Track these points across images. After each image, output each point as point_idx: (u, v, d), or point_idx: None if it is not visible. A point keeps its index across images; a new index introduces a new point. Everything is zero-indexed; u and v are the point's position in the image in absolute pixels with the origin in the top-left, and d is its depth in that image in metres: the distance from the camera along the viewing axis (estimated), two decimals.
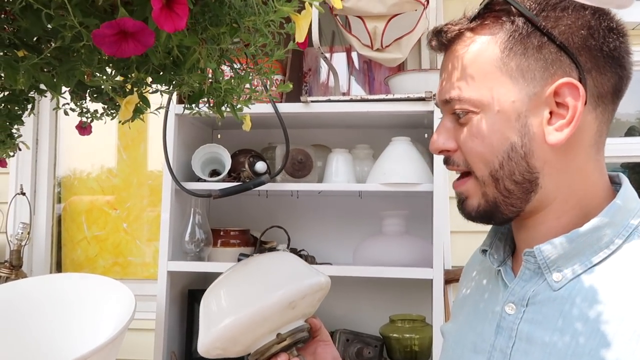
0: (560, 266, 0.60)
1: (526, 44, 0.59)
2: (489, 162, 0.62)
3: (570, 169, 0.61)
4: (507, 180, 0.62)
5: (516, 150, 0.61)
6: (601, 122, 0.61)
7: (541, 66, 0.59)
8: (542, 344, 0.58)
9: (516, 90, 0.60)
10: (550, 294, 0.60)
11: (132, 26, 0.35)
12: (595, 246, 0.59)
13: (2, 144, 0.75)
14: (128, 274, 2.21)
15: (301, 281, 0.79)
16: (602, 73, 0.59)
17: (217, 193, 1.44)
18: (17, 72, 0.45)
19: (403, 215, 1.58)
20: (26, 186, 2.16)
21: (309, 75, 1.86)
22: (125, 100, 0.50)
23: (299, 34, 0.46)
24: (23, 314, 1.37)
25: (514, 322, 0.62)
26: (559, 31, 0.58)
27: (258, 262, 0.84)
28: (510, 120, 0.60)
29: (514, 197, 0.62)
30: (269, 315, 0.76)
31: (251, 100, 0.60)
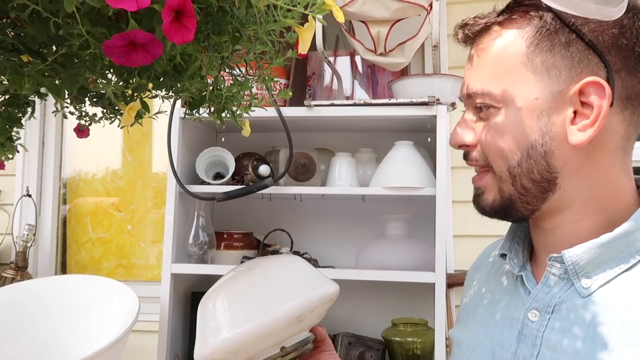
0: (589, 272, 0.59)
1: (553, 40, 0.58)
2: (508, 158, 0.61)
3: (593, 171, 0.60)
4: (525, 178, 0.60)
5: (536, 149, 0.59)
6: (629, 124, 0.59)
7: (567, 64, 0.58)
8: (572, 352, 0.56)
9: (540, 87, 0.59)
10: (578, 301, 0.58)
11: (142, 38, 0.36)
12: (625, 252, 0.57)
13: (1, 146, 0.76)
14: (132, 276, 2.22)
15: (310, 292, 0.75)
16: (633, 74, 0.57)
17: (221, 196, 1.45)
18: (23, 77, 0.45)
19: (406, 219, 1.58)
20: (32, 188, 2.17)
21: (312, 79, 1.87)
22: (128, 107, 0.51)
23: (302, 46, 0.47)
24: (30, 315, 1.38)
25: (538, 329, 0.60)
26: (589, 29, 0.57)
27: (264, 268, 0.78)
28: (532, 118, 0.59)
29: (530, 195, 0.61)
30: (274, 329, 0.72)
31: (251, 107, 0.61)
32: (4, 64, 0.44)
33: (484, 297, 0.73)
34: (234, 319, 0.73)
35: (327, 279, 0.80)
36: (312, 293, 0.75)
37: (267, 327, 0.71)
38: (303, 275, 0.78)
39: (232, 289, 0.77)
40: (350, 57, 1.89)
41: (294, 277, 0.78)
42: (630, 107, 0.59)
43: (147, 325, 1.92)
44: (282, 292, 0.74)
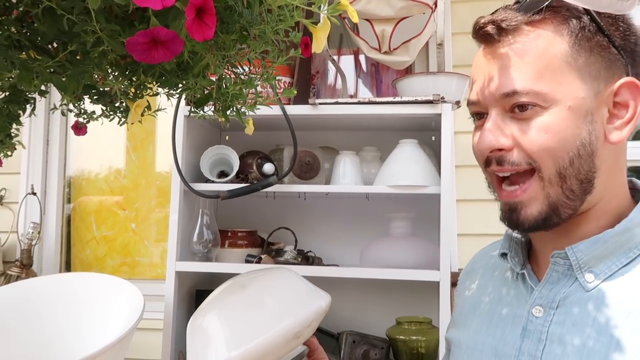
0: (592, 267, 0.60)
1: (592, 42, 0.60)
2: (559, 158, 0.60)
3: (616, 170, 0.63)
4: (574, 178, 0.60)
5: (585, 148, 0.60)
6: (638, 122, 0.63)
7: (605, 65, 0.60)
8: (578, 345, 0.58)
9: (585, 87, 0.60)
10: (582, 295, 0.60)
11: (164, 35, 0.37)
12: (625, 246, 0.60)
13: (1, 143, 0.76)
14: (136, 274, 2.23)
15: (306, 308, 0.74)
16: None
17: (225, 194, 1.45)
18: (32, 74, 0.46)
19: (410, 217, 1.58)
20: (37, 186, 2.18)
21: (316, 78, 1.87)
22: (135, 104, 0.51)
23: (317, 45, 0.47)
24: (36, 312, 1.39)
25: (543, 324, 0.61)
26: (618, 34, 0.60)
27: (257, 286, 0.76)
28: (580, 117, 0.60)
29: (575, 198, 0.61)
30: (273, 348, 0.71)
31: (256, 105, 0.61)
32: (12, 59, 0.44)
33: (483, 298, 0.73)
34: (232, 340, 0.70)
35: (319, 291, 0.79)
36: (308, 309, 0.74)
37: (267, 347, 0.69)
38: (297, 291, 0.77)
39: (227, 308, 0.74)
40: (354, 55, 1.89)
41: (288, 293, 0.76)
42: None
43: (152, 323, 1.92)
44: (279, 310, 0.73)
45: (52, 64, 0.48)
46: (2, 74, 0.48)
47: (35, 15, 0.44)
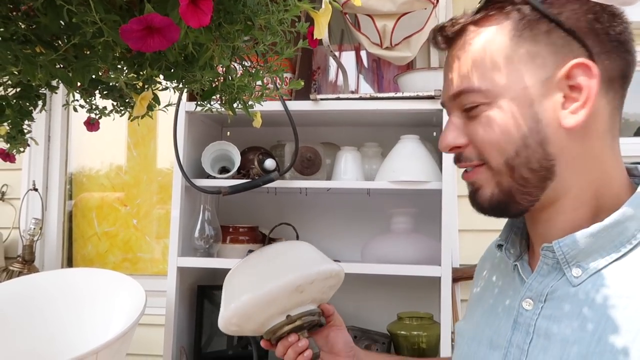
0: (580, 261, 0.59)
1: (534, 29, 0.59)
2: (505, 150, 0.61)
3: (588, 157, 0.60)
4: (524, 168, 0.60)
5: (532, 137, 0.60)
6: (613, 107, 0.60)
7: (551, 51, 0.59)
8: (561, 340, 0.57)
9: (527, 77, 0.59)
10: (569, 290, 0.59)
11: (159, 22, 0.36)
12: (616, 240, 0.58)
13: (13, 139, 0.76)
14: (137, 270, 2.23)
15: (310, 267, 0.84)
16: (610, 57, 0.58)
17: (227, 190, 1.45)
18: (36, 68, 0.46)
19: (411, 213, 1.58)
20: (38, 182, 2.18)
21: (317, 74, 1.87)
22: (140, 97, 0.51)
23: (318, 31, 0.47)
24: (38, 307, 1.39)
25: (531, 317, 0.61)
26: (566, 16, 0.58)
27: (275, 248, 0.90)
28: (524, 107, 0.60)
29: (530, 186, 0.61)
30: (278, 296, 0.81)
31: (263, 97, 0.61)
32: (17, 53, 0.44)
33: (487, 289, 0.74)
34: (245, 288, 0.83)
35: (330, 261, 0.89)
36: (311, 268, 0.84)
37: (272, 294, 0.81)
38: (307, 254, 0.89)
39: (247, 266, 0.88)
40: (355, 51, 1.89)
41: (298, 255, 0.88)
42: (611, 90, 0.59)
43: (153, 318, 1.93)
44: (286, 266, 0.84)
45: (56, 58, 0.48)
46: (7, 68, 0.48)
47: (37, 8, 0.45)
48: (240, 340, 1.58)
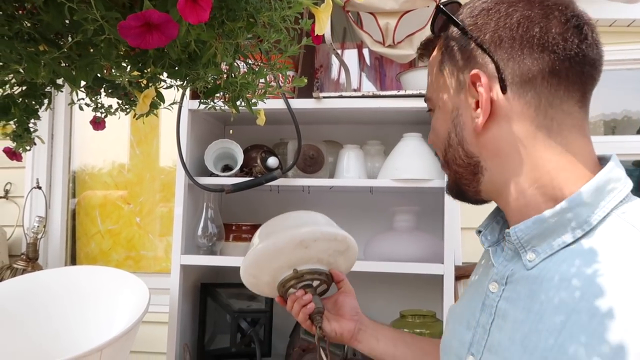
0: (535, 246, 0.62)
1: (454, 45, 0.67)
2: (440, 149, 0.72)
3: (511, 152, 0.64)
4: (453, 164, 0.70)
5: (452, 138, 0.69)
6: (539, 105, 0.63)
7: (465, 64, 0.66)
8: (514, 320, 0.61)
9: (449, 86, 0.69)
10: (524, 273, 0.63)
11: (157, 18, 0.36)
12: (568, 226, 0.60)
13: (19, 138, 0.77)
14: (141, 268, 2.24)
15: (315, 226, 0.92)
16: (520, 62, 0.62)
17: (230, 188, 1.45)
18: (39, 66, 0.46)
19: (414, 211, 1.58)
20: (42, 180, 2.19)
21: (320, 72, 1.87)
22: (142, 94, 0.51)
23: (319, 27, 0.47)
24: (42, 305, 1.40)
25: (494, 299, 0.65)
26: (477, 30, 0.64)
27: (290, 213, 0.99)
28: (448, 113, 0.69)
29: (465, 179, 0.70)
30: (284, 248, 0.90)
31: (266, 94, 0.61)
32: (20, 52, 0.44)
33: (476, 275, 0.78)
34: (259, 240, 0.93)
35: (338, 228, 0.97)
36: (316, 226, 0.92)
37: (277, 245, 0.90)
38: (316, 218, 0.98)
39: (266, 224, 0.98)
40: (357, 49, 1.88)
41: (308, 217, 0.97)
42: (530, 90, 0.63)
43: (156, 316, 1.93)
44: (295, 223, 0.93)
45: (59, 56, 0.48)
46: (10, 66, 0.48)
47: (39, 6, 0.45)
48: (243, 338, 1.58)
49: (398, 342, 0.94)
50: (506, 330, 0.62)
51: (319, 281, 0.95)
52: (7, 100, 0.64)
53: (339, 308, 0.97)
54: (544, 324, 0.57)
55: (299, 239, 0.90)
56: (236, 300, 1.65)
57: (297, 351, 1.50)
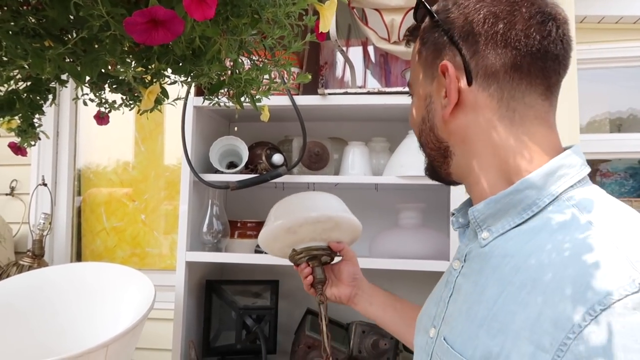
0: (490, 225, 0.66)
1: (429, 36, 0.71)
2: (416, 132, 0.77)
3: (476, 140, 0.68)
4: (426, 147, 0.75)
5: (425, 124, 0.73)
6: (502, 97, 0.66)
7: (437, 54, 0.70)
8: (465, 293, 0.67)
9: (424, 74, 0.73)
10: (479, 251, 0.68)
11: (163, 14, 0.36)
12: (519, 207, 0.64)
13: (23, 133, 0.77)
14: (146, 265, 2.24)
15: (298, 214, 1.02)
16: (485, 56, 0.65)
17: (235, 185, 1.45)
18: (44, 61, 0.46)
19: (419, 208, 1.58)
20: (47, 177, 2.20)
21: (325, 69, 1.86)
22: (147, 90, 0.51)
23: (324, 24, 0.47)
24: (48, 301, 1.41)
25: (455, 275, 0.71)
26: (449, 23, 0.67)
27: (291, 196, 1.09)
28: (422, 100, 0.74)
29: (437, 162, 0.74)
30: (277, 235, 1.03)
31: (270, 91, 0.61)
32: (25, 47, 0.44)
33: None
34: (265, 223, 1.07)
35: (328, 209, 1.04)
36: (299, 214, 1.02)
37: (273, 233, 1.03)
38: (305, 203, 1.05)
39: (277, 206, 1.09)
40: (362, 46, 1.88)
41: (299, 203, 1.06)
42: (494, 83, 0.66)
43: (162, 313, 1.94)
44: (285, 212, 1.04)
45: (65, 51, 0.48)
46: (16, 62, 0.48)
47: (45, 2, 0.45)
48: (248, 335, 1.58)
49: (387, 308, 1.05)
50: (458, 303, 0.67)
51: (322, 253, 1.05)
52: (12, 95, 0.64)
53: (337, 274, 1.08)
54: (484, 296, 0.62)
55: (287, 226, 1.02)
56: (241, 297, 1.66)
57: (302, 348, 1.50)
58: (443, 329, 0.69)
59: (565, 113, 1.68)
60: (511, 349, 0.56)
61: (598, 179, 3.10)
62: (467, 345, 0.62)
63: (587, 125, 2.95)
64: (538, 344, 0.53)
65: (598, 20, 2.13)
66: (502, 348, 0.57)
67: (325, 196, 1.10)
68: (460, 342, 0.63)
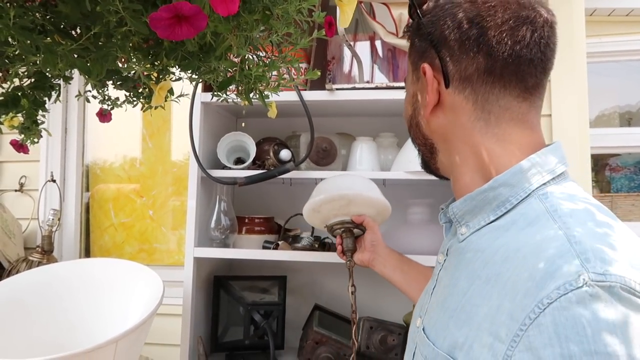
0: (468, 221, 0.70)
1: (414, 37, 0.74)
2: (408, 128, 0.80)
3: (455, 139, 0.71)
4: (415, 142, 0.79)
5: (412, 120, 0.77)
6: (476, 100, 0.68)
7: (420, 56, 0.73)
8: (443, 286, 0.71)
9: (412, 75, 0.76)
10: (457, 246, 0.71)
11: (188, 10, 0.36)
12: (493, 204, 0.66)
13: (27, 130, 0.77)
14: (154, 260, 2.25)
15: (316, 198, 1.20)
16: (460, 60, 0.68)
17: (243, 180, 1.45)
18: (56, 57, 0.46)
19: (428, 203, 1.57)
20: (56, 173, 2.21)
21: (332, 64, 1.85)
22: (158, 87, 0.51)
23: (344, 19, 0.47)
24: (58, 297, 1.41)
25: (438, 269, 0.75)
26: (430, 26, 0.70)
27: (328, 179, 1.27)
28: (409, 99, 0.77)
29: (425, 156, 0.78)
30: (308, 215, 1.24)
31: (279, 87, 0.61)
32: (37, 43, 0.44)
33: None
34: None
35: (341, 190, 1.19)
36: (317, 198, 1.20)
37: (305, 212, 1.24)
38: (326, 186, 1.22)
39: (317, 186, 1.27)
40: (370, 41, 1.87)
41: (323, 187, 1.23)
42: (468, 87, 0.68)
43: (170, 308, 1.95)
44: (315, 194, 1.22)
45: (76, 47, 0.48)
46: (27, 58, 0.48)
47: None
48: (256, 331, 1.59)
49: (396, 270, 1.18)
50: (437, 295, 0.71)
51: (350, 226, 1.22)
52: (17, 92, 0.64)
53: (362, 242, 1.23)
54: (456, 289, 0.66)
55: (311, 207, 1.21)
56: (249, 293, 1.66)
57: (310, 344, 1.50)
58: (426, 318, 0.73)
59: (575, 107, 1.67)
60: (474, 340, 0.59)
61: (607, 174, 3.08)
62: (439, 335, 0.66)
63: (596, 119, 2.92)
64: (496, 335, 0.56)
65: (608, 13, 2.10)
66: (466, 338, 0.60)
67: (349, 177, 1.26)
68: (434, 332, 0.67)
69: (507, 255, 0.60)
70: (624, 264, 0.52)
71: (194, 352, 1.53)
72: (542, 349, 0.51)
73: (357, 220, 1.22)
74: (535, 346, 0.51)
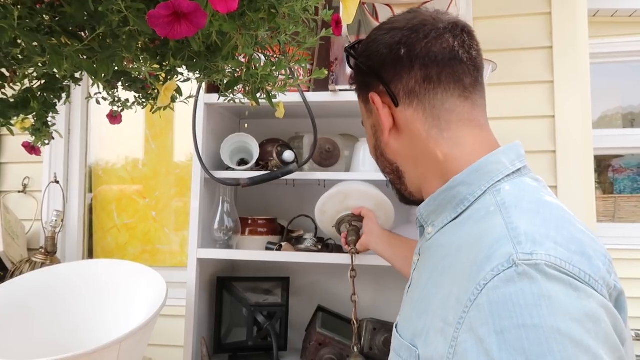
0: (434, 221, 0.74)
1: (357, 77, 0.81)
2: (375, 160, 0.84)
3: (416, 153, 0.75)
4: (385, 173, 0.83)
5: (377, 151, 0.81)
6: (425, 109, 0.73)
7: (366, 88, 0.79)
8: (414, 284, 0.75)
9: (365, 110, 0.82)
10: (425, 244, 0.75)
11: (187, 7, 0.36)
12: (453, 203, 0.71)
13: (38, 132, 0.77)
14: (157, 262, 2.25)
15: (320, 201, 1.38)
16: (401, 78, 0.73)
17: (246, 182, 1.45)
18: (62, 58, 0.46)
19: None
20: (59, 175, 2.21)
21: (335, 65, 1.85)
22: (164, 87, 0.51)
23: (347, 16, 0.47)
24: (61, 298, 1.41)
25: (413, 268, 0.79)
26: (367, 58, 0.76)
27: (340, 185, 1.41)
28: (370, 131, 0.82)
29: (396, 184, 0.82)
30: (317, 216, 1.41)
31: (287, 87, 0.61)
32: (43, 44, 0.44)
33: None
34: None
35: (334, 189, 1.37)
36: (320, 202, 1.39)
37: (316, 217, 1.42)
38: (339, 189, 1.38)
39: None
40: None
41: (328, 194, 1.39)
42: (415, 99, 0.73)
43: (173, 309, 1.95)
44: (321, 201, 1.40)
45: (82, 48, 0.48)
46: (34, 59, 0.48)
47: None
48: (259, 332, 1.59)
49: (387, 247, 1.25)
50: (410, 293, 0.76)
51: (352, 219, 1.36)
52: (27, 94, 0.65)
53: (363, 229, 1.33)
54: (420, 282, 0.71)
55: (318, 209, 1.39)
56: (252, 294, 1.66)
57: (313, 345, 1.50)
58: (399, 316, 0.78)
59: (578, 107, 1.66)
60: (430, 326, 0.64)
61: (610, 175, 3.07)
62: (404, 327, 0.71)
63: (598, 120, 2.91)
64: (446, 320, 0.60)
65: (611, 14, 2.10)
66: (424, 326, 0.65)
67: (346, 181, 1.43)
68: (402, 325, 0.73)
69: (460, 247, 0.65)
70: (551, 244, 0.56)
71: (197, 353, 1.53)
72: (480, 327, 0.54)
73: (356, 211, 1.35)
74: (475, 326, 0.55)
